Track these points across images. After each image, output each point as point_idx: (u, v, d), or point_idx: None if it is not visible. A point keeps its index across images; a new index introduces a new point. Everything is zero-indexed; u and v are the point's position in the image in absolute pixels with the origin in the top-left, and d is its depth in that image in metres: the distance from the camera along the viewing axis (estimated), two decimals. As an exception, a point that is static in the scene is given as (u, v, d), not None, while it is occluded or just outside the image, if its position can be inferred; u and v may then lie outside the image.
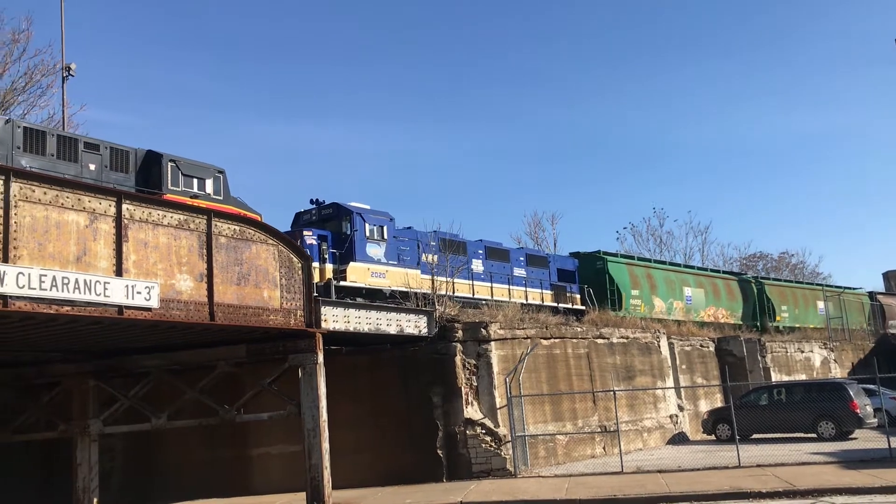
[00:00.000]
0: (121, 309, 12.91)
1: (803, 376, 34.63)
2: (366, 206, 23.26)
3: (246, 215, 17.51)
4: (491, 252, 27.67)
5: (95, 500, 18.00)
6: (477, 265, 26.61)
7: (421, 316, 20.21)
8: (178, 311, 13.95)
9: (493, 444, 19.87)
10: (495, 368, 20.76)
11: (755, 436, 24.14)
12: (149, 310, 13.33)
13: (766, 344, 33.27)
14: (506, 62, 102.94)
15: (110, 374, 18.18)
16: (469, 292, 25.55)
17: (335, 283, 20.96)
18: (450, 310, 21.85)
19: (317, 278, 19.60)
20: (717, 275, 40.65)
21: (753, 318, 39.99)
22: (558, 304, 29.31)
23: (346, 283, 21.34)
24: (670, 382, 28.03)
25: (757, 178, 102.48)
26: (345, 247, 22.04)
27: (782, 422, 24.04)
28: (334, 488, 16.66)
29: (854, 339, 41.41)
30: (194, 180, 18.32)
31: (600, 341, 25.18)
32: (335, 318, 17.55)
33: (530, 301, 27.62)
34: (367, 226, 22.69)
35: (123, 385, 18.34)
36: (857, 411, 23.34)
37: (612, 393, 22.27)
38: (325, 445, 16.51)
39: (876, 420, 23.92)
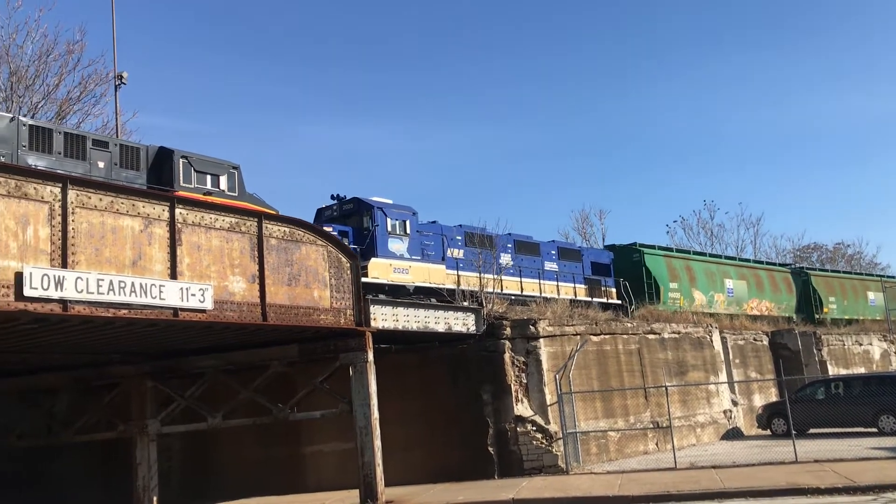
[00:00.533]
0: (176, 311, 13.19)
1: (862, 370, 33.76)
2: (387, 201, 22.76)
3: (264, 211, 16.95)
4: (520, 246, 26.89)
5: (155, 498, 18.35)
6: (506, 259, 25.82)
7: (469, 314, 20.24)
8: (232, 312, 14.21)
9: (543, 440, 19.79)
10: (545, 365, 20.68)
11: (812, 431, 23.65)
12: (203, 311, 13.59)
13: (822, 337, 32.53)
14: (558, 58, 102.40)
15: (167, 375, 18.55)
16: (497, 287, 24.16)
17: None
18: (497, 307, 21.76)
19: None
20: (760, 266, 39.69)
21: (799, 311, 39.08)
22: (592, 299, 28.52)
23: (367, 279, 20.20)
24: (723, 377, 27.62)
25: (811, 167, 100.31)
26: (366, 242, 21.53)
27: (840, 416, 23.38)
28: (385, 485, 16.79)
29: (915, 331, 40.24)
30: (207, 177, 17.75)
31: (651, 337, 24.91)
32: (384, 317, 17.72)
33: (562, 296, 26.68)
34: (388, 220, 22.19)
35: (180, 386, 18.71)
36: (921, 405, 22.65)
37: (664, 388, 21.98)
38: (378, 443, 16.67)
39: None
